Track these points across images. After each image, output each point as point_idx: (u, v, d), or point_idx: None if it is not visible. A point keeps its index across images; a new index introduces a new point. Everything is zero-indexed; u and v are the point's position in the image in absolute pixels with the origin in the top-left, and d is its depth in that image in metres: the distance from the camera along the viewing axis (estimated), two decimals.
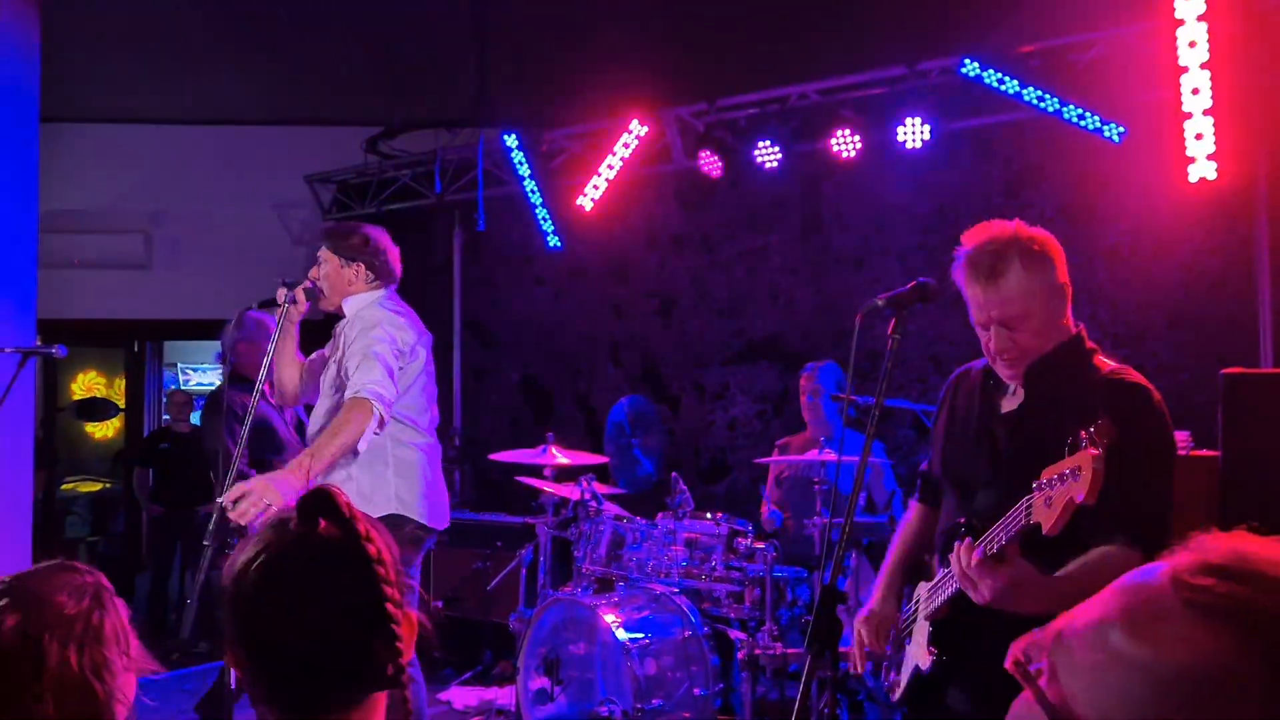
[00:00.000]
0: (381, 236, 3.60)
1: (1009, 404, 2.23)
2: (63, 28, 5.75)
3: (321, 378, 3.58)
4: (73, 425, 8.75)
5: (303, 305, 3.51)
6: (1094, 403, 2.04)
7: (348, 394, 3.28)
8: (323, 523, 1.13)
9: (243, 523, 3.01)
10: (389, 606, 1.10)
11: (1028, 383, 2.18)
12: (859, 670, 2.39)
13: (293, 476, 3.12)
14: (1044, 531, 1.78)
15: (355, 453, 3.30)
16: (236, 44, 6.54)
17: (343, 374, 3.37)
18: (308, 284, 3.53)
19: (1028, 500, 1.84)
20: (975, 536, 1.98)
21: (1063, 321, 2.18)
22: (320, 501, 1.13)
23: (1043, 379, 2.16)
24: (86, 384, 8.83)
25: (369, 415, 3.20)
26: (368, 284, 3.55)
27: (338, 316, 3.63)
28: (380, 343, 3.33)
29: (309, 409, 3.71)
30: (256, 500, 2.99)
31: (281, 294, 3.45)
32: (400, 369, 3.38)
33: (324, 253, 3.57)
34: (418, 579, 3.69)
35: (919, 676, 2.22)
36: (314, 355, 3.70)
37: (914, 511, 2.52)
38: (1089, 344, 2.21)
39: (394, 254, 3.63)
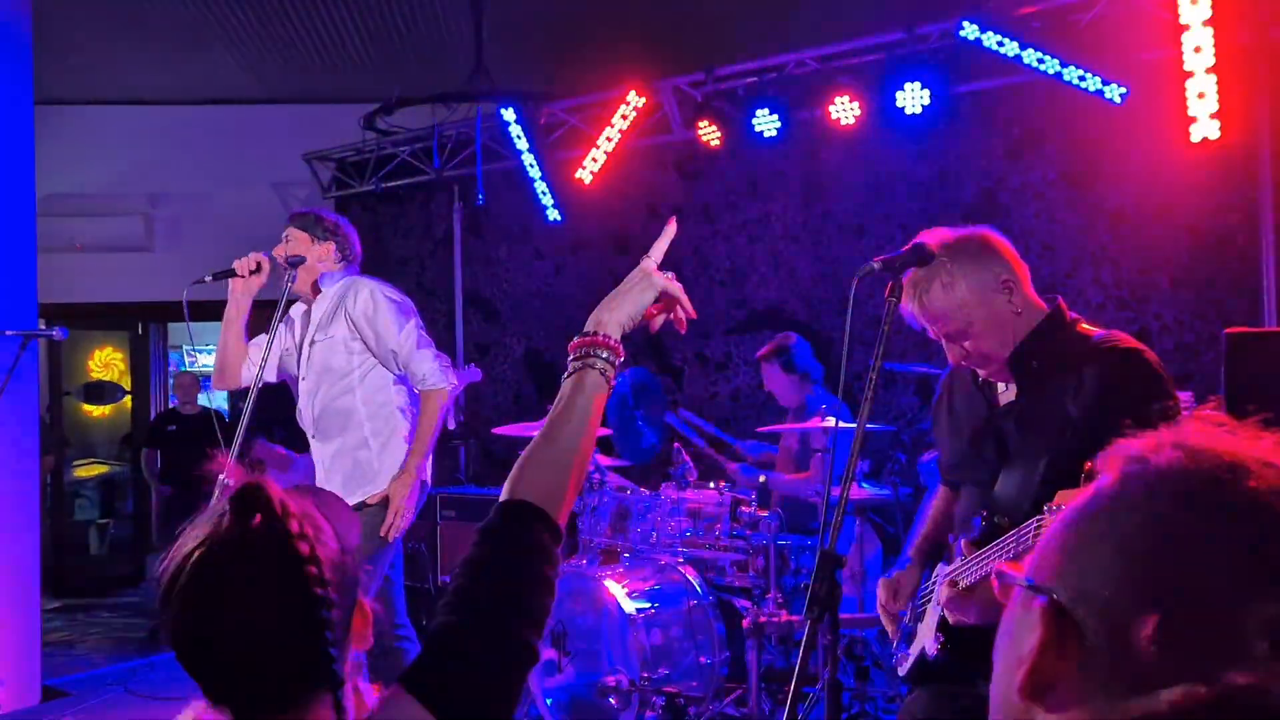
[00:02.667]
0: (344, 220, 3.70)
1: (1006, 396, 2.22)
2: (58, 9, 5.72)
3: (300, 359, 3.59)
4: (81, 408, 8.78)
5: (264, 277, 3.50)
6: (1088, 374, 2.03)
7: (418, 387, 3.52)
8: (257, 518, 1.10)
9: (395, 536, 3.43)
10: (319, 610, 1.07)
11: (1014, 373, 2.16)
12: (895, 637, 2.38)
13: (410, 480, 3.44)
14: None
15: (369, 432, 3.54)
16: (232, 22, 6.50)
17: (383, 353, 3.51)
18: (285, 255, 3.54)
19: (1037, 521, 1.80)
20: (995, 533, 1.98)
21: (1017, 311, 2.12)
22: (252, 498, 1.10)
23: (1029, 365, 2.13)
24: (104, 360, 8.84)
25: (444, 398, 3.53)
26: (335, 263, 3.61)
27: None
28: (416, 329, 3.53)
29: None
30: (406, 513, 3.42)
31: (241, 264, 3.44)
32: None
33: (292, 231, 3.61)
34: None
35: (924, 659, 2.22)
36: (252, 341, 3.68)
37: (939, 493, 2.53)
38: (1069, 315, 2.17)
39: (356, 237, 3.71)
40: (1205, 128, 4.30)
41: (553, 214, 6.54)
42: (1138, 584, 0.67)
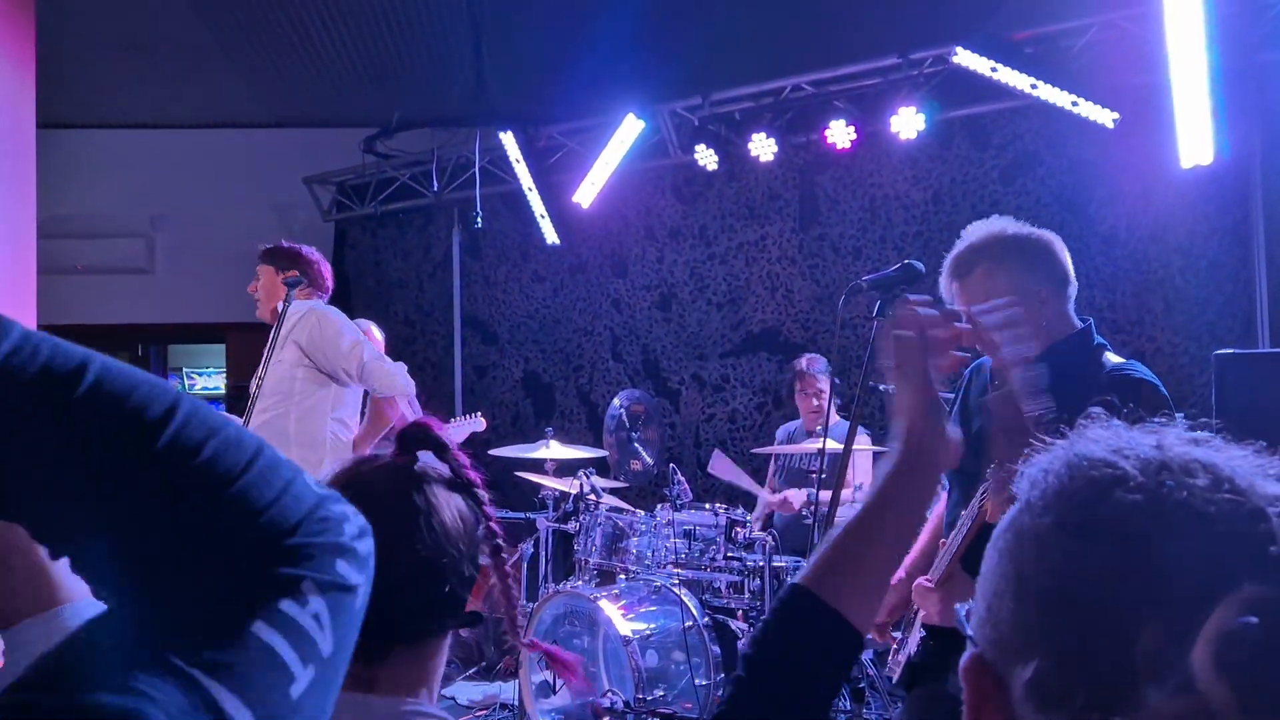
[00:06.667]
0: (314, 253, 3.88)
1: None
2: (61, 32, 5.78)
3: (259, 381, 3.63)
4: None
5: None
6: (1098, 398, 2.05)
7: (375, 395, 3.71)
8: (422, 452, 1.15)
9: None
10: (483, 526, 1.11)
11: None
12: (881, 639, 2.41)
13: None
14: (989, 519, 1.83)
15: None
16: (234, 47, 6.55)
17: (333, 368, 3.64)
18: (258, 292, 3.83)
19: (980, 492, 1.84)
20: None
21: (1047, 320, 2.16)
22: (422, 434, 1.15)
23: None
24: None
25: (394, 405, 3.70)
26: (301, 290, 3.76)
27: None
28: (362, 342, 3.66)
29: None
30: None
31: None
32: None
33: (260, 268, 3.83)
34: None
35: (912, 661, 2.23)
36: None
37: (942, 501, 2.54)
38: (1096, 339, 2.21)
39: (325, 266, 3.88)
40: (1196, 152, 4.33)
41: (551, 236, 6.58)
42: (1037, 629, 0.59)
